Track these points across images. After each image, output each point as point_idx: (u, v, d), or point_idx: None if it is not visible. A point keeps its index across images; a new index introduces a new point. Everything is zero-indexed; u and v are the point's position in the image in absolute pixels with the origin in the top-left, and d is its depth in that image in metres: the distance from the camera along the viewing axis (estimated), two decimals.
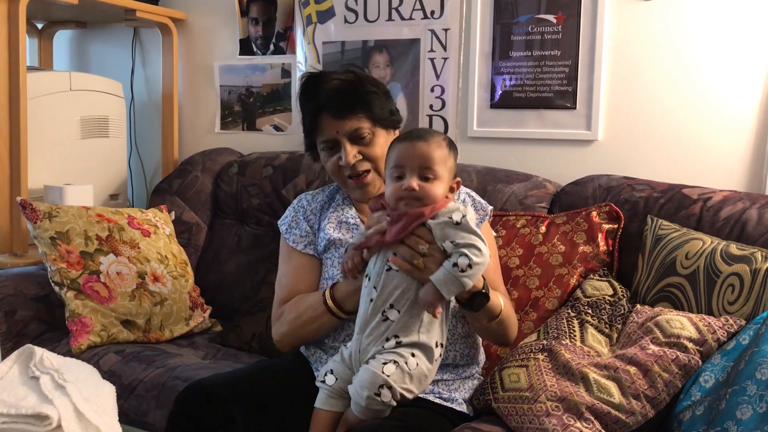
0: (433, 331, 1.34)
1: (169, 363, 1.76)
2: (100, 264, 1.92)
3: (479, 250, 1.30)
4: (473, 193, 1.64)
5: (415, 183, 1.34)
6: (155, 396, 1.66)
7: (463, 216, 1.32)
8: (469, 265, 1.28)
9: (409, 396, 1.31)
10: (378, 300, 1.35)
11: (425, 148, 1.35)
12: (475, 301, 1.37)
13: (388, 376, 1.29)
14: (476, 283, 1.34)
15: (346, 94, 1.53)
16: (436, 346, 1.35)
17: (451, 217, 1.32)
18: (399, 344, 1.33)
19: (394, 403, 1.30)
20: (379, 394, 1.28)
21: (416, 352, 1.33)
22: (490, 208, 1.64)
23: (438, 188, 1.35)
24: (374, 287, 1.36)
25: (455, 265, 1.29)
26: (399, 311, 1.33)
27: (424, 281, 1.32)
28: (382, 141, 1.55)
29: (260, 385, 1.47)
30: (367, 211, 1.59)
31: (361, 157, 1.54)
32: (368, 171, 1.55)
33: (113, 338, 1.88)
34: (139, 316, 1.92)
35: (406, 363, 1.31)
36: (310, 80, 1.59)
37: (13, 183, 2.13)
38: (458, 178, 1.41)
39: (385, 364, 1.30)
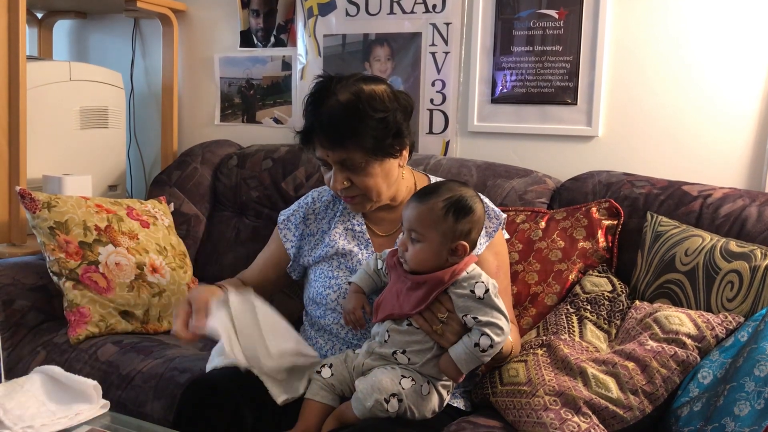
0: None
1: (167, 354, 1.76)
2: (98, 254, 1.92)
3: (501, 329, 1.28)
4: (486, 199, 1.60)
5: (403, 244, 1.35)
6: (153, 386, 1.66)
7: (487, 290, 1.29)
8: (491, 345, 1.27)
9: (410, 416, 1.32)
10: (390, 345, 1.36)
11: (413, 210, 1.34)
12: None
13: (403, 389, 1.30)
14: None
15: (339, 122, 1.45)
16: (447, 391, 1.39)
17: (473, 291, 1.30)
18: (416, 371, 1.35)
19: (395, 416, 1.31)
20: (387, 401, 1.29)
21: (432, 382, 1.35)
22: (504, 216, 1.60)
23: (422, 252, 1.33)
24: (387, 331, 1.36)
25: (476, 345, 1.27)
26: (409, 359, 1.34)
27: (440, 344, 1.33)
28: (377, 170, 1.49)
29: None
30: (373, 219, 1.60)
31: (349, 184, 1.50)
32: (356, 196, 1.53)
33: (111, 329, 1.87)
34: (137, 307, 1.92)
35: (421, 387, 1.33)
36: (316, 94, 1.52)
37: (12, 173, 2.12)
38: (463, 242, 1.33)
39: (404, 377, 1.32)
